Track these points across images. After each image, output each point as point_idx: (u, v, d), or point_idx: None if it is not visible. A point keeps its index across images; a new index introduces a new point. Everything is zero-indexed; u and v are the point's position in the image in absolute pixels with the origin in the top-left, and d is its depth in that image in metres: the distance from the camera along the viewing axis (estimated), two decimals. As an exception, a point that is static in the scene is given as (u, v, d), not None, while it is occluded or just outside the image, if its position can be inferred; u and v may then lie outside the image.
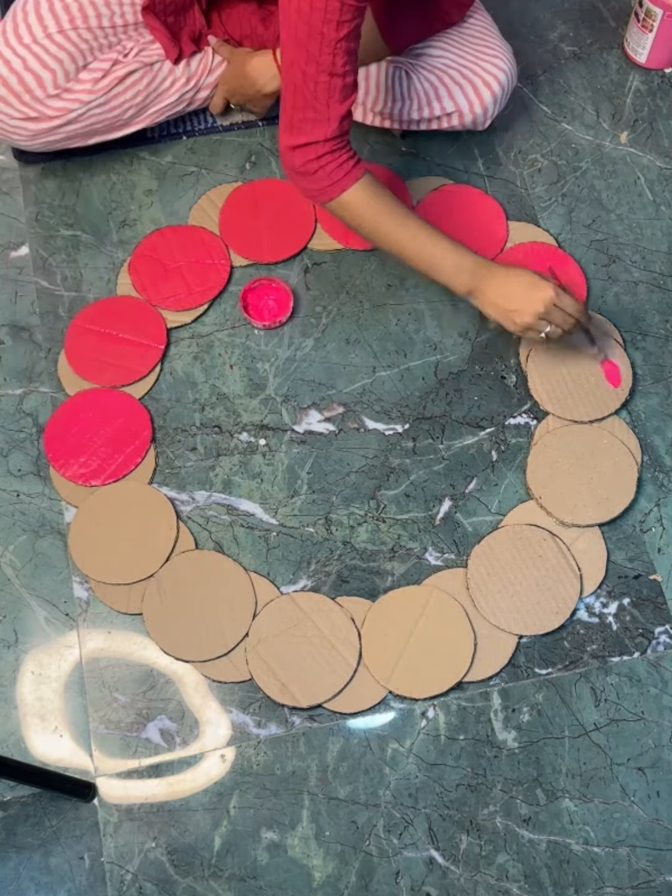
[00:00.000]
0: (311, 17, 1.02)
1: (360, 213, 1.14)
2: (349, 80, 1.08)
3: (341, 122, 1.09)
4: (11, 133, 1.32)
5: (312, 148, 1.10)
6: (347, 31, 1.03)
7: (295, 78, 1.07)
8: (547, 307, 1.12)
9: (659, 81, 1.53)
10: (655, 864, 1.10)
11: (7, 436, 1.30)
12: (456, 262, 1.15)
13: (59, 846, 1.11)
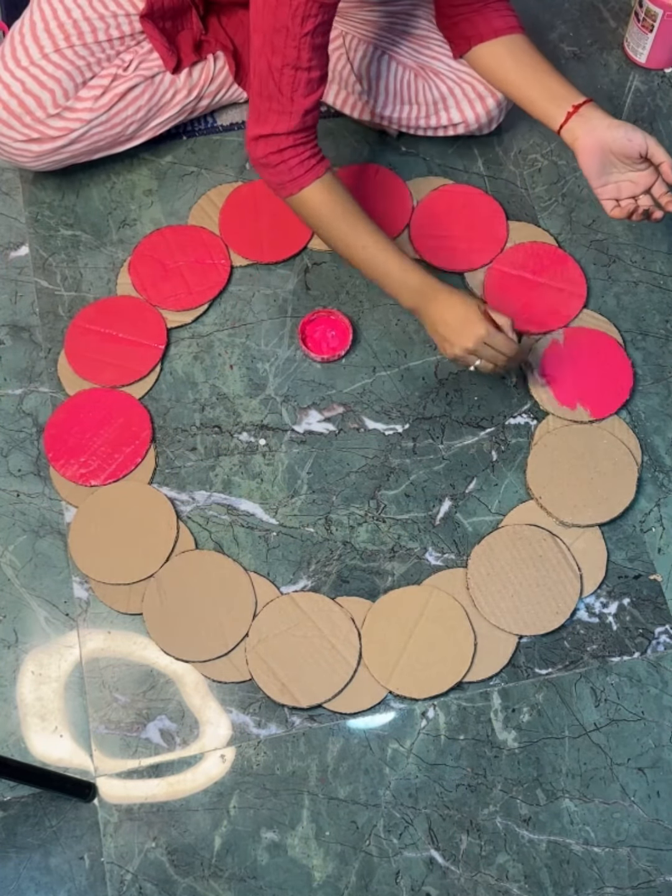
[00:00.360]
0: (278, 10, 1.02)
1: (316, 213, 1.15)
2: (315, 75, 1.08)
3: (304, 116, 1.10)
4: (16, 156, 1.32)
5: (275, 140, 1.11)
6: (313, 25, 1.03)
7: (261, 68, 1.07)
8: (476, 344, 1.12)
9: (659, 81, 1.53)
10: (655, 865, 1.10)
11: (7, 436, 1.30)
12: (402, 278, 1.15)
13: (59, 846, 1.11)
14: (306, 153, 1.13)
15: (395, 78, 1.36)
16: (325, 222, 1.15)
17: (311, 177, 1.13)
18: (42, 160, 1.33)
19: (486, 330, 1.11)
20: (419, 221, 1.40)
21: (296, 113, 1.09)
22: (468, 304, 1.13)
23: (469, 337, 1.12)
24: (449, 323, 1.13)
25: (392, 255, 1.15)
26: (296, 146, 1.11)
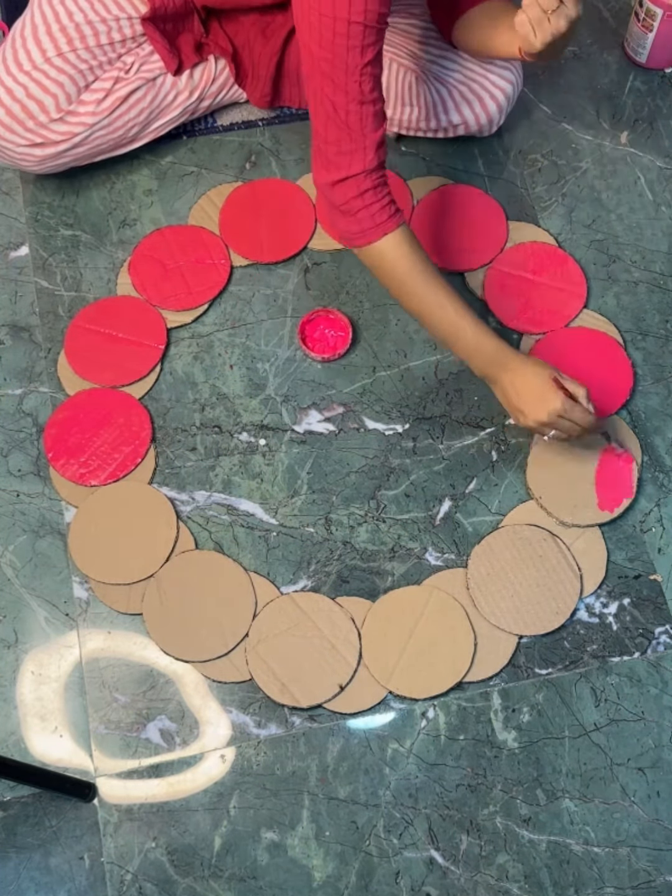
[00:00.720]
0: (335, 45, 0.99)
1: (392, 265, 1.11)
2: (379, 107, 1.05)
3: (378, 150, 1.06)
4: (19, 160, 1.32)
5: (353, 182, 1.06)
6: (372, 55, 1.01)
7: (326, 110, 1.04)
8: (551, 419, 1.09)
9: (659, 81, 1.53)
10: (655, 865, 1.10)
11: (7, 436, 1.30)
12: (476, 343, 1.12)
13: (59, 846, 1.11)
14: (387, 197, 1.08)
15: (396, 79, 1.36)
16: (401, 274, 1.11)
17: (393, 224, 1.09)
18: (45, 164, 1.33)
19: (562, 404, 1.08)
20: (419, 221, 1.40)
21: (369, 147, 1.05)
22: (543, 375, 1.10)
23: (544, 411, 1.09)
24: (523, 396, 1.10)
25: (468, 318, 1.11)
26: (376, 189, 1.07)
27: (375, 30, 1.00)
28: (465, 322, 1.11)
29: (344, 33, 0.99)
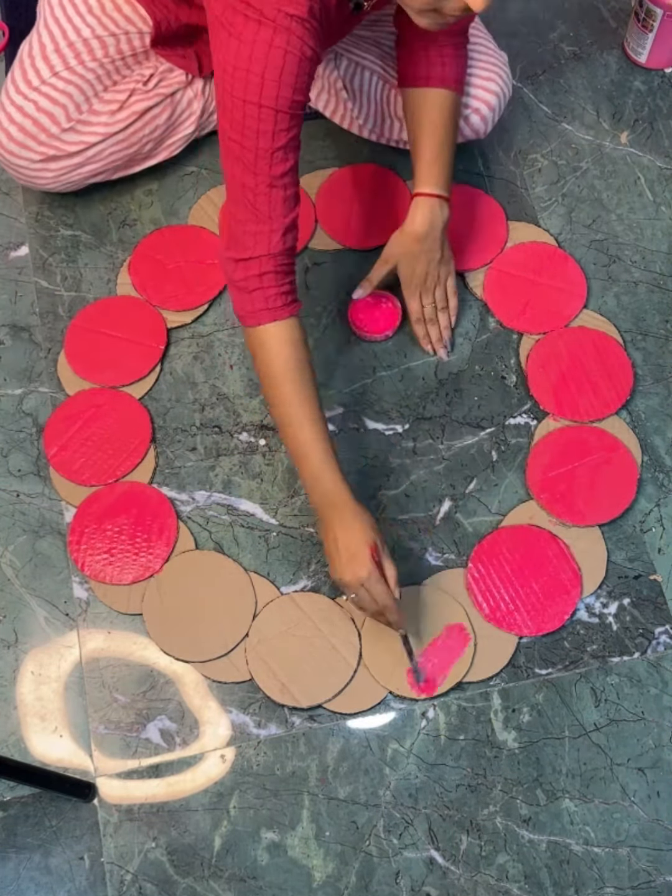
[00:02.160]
0: (245, 127, 0.99)
1: (272, 354, 1.07)
2: (290, 192, 1.03)
3: (285, 234, 1.04)
4: (35, 178, 1.32)
5: (256, 263, 1.04)
6: (285, 140, 1.00)
7: (236, 189, 1.03)
8: (353, 584, 1.04)
9: (659, 81, 1.53)
10: (655, 865, 1.10)
11: (7, 436, 1.30)
12: (317, 476, 1.07)
13: (59, 846, 1.11)
14: (286, 286, 1.06)
15: (375, 91, 1.36)
16: (275, 370, 1.07)
17: (285, 312, 1.06)
18: (60, 180, 1.33)
19: (368, 574, 1.03)
20: (419, 221, 1.40)
21: (276, 231, 1.03)
22: (364, 539, 1.04)
23: (349, 573, 1.04)
24: (339, 549, 1.05)
25: (319, 447, 1.07)
26: (277, 273, 1.05)
27: (288, 115, 0.99)
28: (315, 450, 1.06)
29: (255, 117, 0.98)
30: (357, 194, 1.42)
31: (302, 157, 1.43)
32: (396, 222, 1.39)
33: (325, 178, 1.43)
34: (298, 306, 1.09)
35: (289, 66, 0.97)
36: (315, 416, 1.07)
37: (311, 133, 1.46)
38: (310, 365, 1.09)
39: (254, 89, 0.97)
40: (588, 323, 1.34)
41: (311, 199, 1.42)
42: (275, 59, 0.96)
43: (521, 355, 1.33)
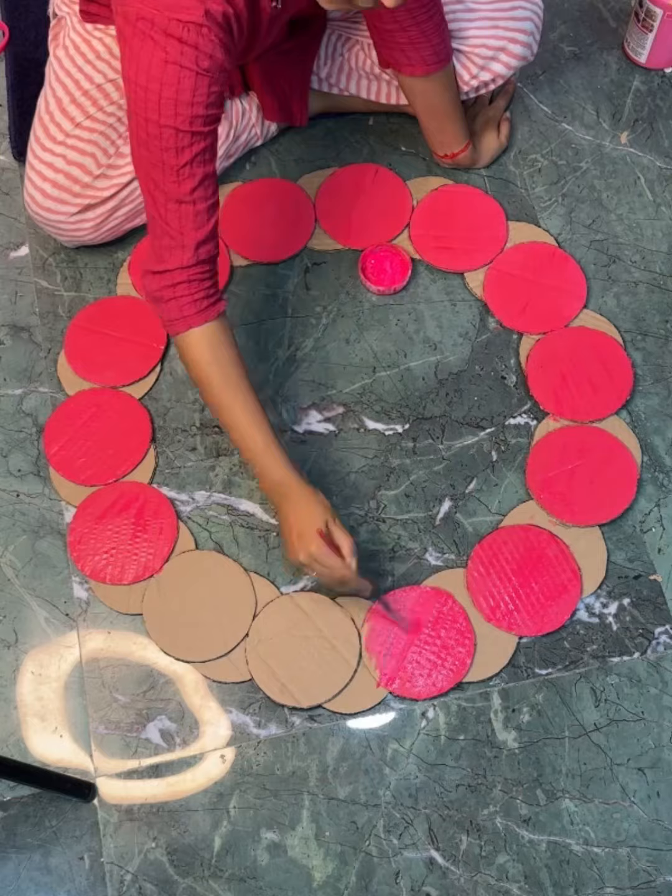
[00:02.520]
0: (150, 145, 0.99)
1: (194, 359, 1.09)
2: (202, 207, 1.03)
3: (197, 249, 1.04)
4: (74, 231, 1.32)
5: (168, 275, 1.05)
6: (190, 156, 0.99)
7: (148, 204, 1.04)
8: (307, 561, 1.06)
9: (659, 81, 1.53)
10: (655, 865, 1.10)
11: (7, 436, 1.30)
12: (263, 463, 1.09)
13: (59, 846, 1.11)
14: (200, 293, 1.06)
15: None
16: (201, 373, 1.09)
17: (199, 319, 1.07)
18: (101, 228, 1.32)
19: (316, 548, 1.05)
20: (419, 221, 1.40)
21: (188, 247, 1.03)
22: (312, 517, 1.06)
23: (301, 552, 1.06)
24: (290, 532, 1.08)
25: (258, 434, 1.09)
26: (190, 283, 1.05)
27: (189, 133, 0.98)
28: (254, 441, 1.09)
29: (157, 135, 0.98)
30: (357, 194, 1.42)
31: (302, 157, 1.45)
32: (396, 222, 1.40)
33: (325, 178, 1.43)
34: (217, 308, 1.09)
35: (185, 83, 0.96)
36: (248, 410, 1.09)
37: (311, 133, 1.46)
38: (236, 360, 1.10)
39: (153, 107, 0.97)
40: (588, 323, 1.34)
41: (311, 199, 1.42)
42: (170, 78, 0.96)
43: (521, 355, 1.33)
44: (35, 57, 1.48)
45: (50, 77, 1.30)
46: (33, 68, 1.47)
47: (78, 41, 1.28)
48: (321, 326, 1.36)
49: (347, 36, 1.37)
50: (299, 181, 1.44)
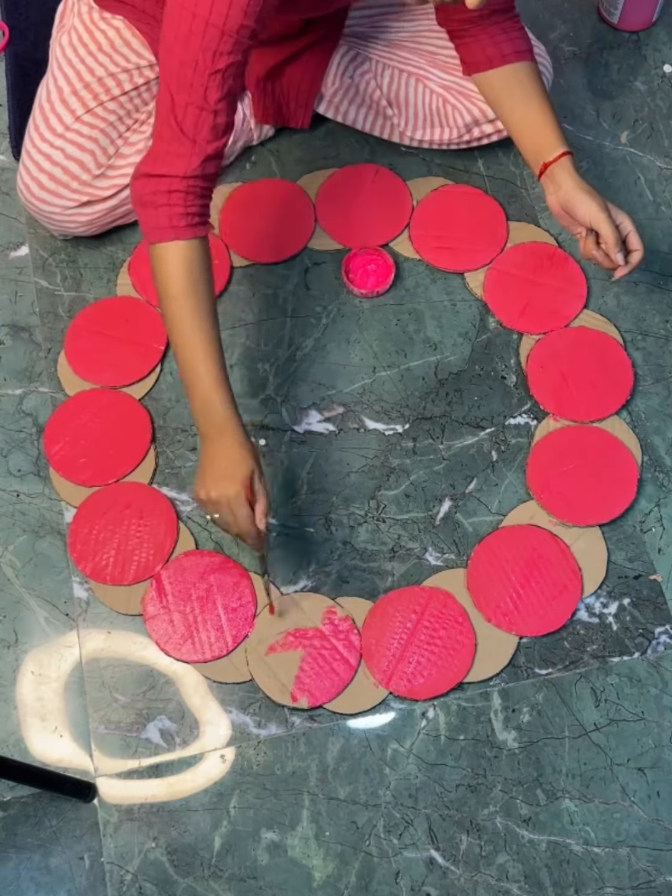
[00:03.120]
0: (189, 42, 0.97)
1: (169, 274, 1.04)
2: (221, 121, 1.01)
3: (205, 162, 1.01)
4: (67, 223, 1.31)
5: (167, 180, 1.01)
6: (225, 64, 0.97)
7: (164, 104, 1.00)
8: (219, 499, 1.03)
9: (659, 81, 1.53)
10: (655, 865, 1.10)
11: (7, 436, 1.30)
12: (206, 398, 1.05)
13: (59, 846, 1.11)
14: (194, 207, 1.03)
15: (424, 103, 1.35)
16: (173, 291, 1.04)
17: (188, 233, 1.03)
18: (94, 224, 1.32)
19: (237, 493, 1.02)
20: (419, 221, 1.40)
21: (196, 155, 1.00)
22: (243, 463, 1.03)
23: (218, 489, 1.03)
24: (214, 467, 1.04)
25: (212, 371, 1.04)
26: (187, 194, 1.02)
27: (233, 40, 0.96)
28: (206, 372, 1.04)
29: (200, 32, 0.96)
30: (357, 194, 1.42)
31: (302, 157, 1.45)
32: (396, 222, 1.40)
33: (325, 178, 1.43)
34: (205, 230, 1.05)
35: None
36: (209, 340, 1.05)
37: (311, 133, 1.46)
38: (209, 288, 1.06)
39: (205, 3, 0.95)
40: (588, 323, 1.34)
41: (311, 199, 1.42)
42: None
43: (521, 355, 1.33)
44: (35, 57, 1.48)
45: (52, 64, 1.30)
46: (33, 68, 1.46)
47: (82, 31, 1.28)
48: (321, 326, 1.36)
49: (364, 57, 1.36)
50: (299, 181, 1.44)
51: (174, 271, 1.04)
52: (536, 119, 1.16)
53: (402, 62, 1.35)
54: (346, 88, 1.37)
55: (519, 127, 1.18)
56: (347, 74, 1.36)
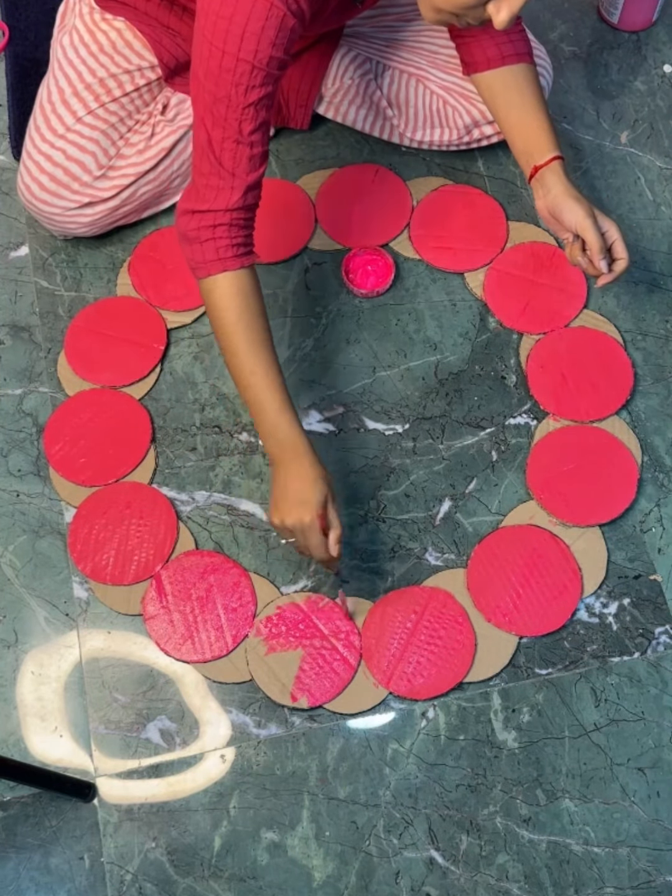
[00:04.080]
0: (220, 78, 0.97)
1: (222, 305, 1.06)
2: (257, 151, 1.02)
3: (246, 193, 1.03)
4: (68, 224, 1.31)
5: (211, 215, 1.03)
6: (257, 97, 0.98)
7: (201, 140, 1.02)
8: (294, 526, 1.04)
9: (659, 81, 1.53)
10: (655, 865, 1.10)
11: (7, 436, 1.30)
12: (274, 423, 1.06)
13: (59, 846, 1.11)
14: (239, 238, 1.05)
15: (425, 104, 1.35)
16: (227, 322, 1.06)
17: (236, 263, 1.04)
18: (96, 225, 1.32)
19: (311, 521, 1.03)
20: (419, 221, 1.40)
21: (237, 188, 1.02)
22: (317, 488, 1.04)
23: (292, 517, 1.04)
24: (288, 493, 1.05)
25: (275, 395, 1.06)
26: (231, 226, 1.04)
27: (264, 72, 0.97)
28: (271, 398, 1.06)
29: (231, 69, 0.97)
30: (357, 194, 1.42)
31: (302, 157, 1.45)
32: (396, 222, 1.40)
33: (325, 178, 1.43)
34: (252, 259, 1.07)
35: (272, 21, 0.95)
36: (269, 366, 1.06)
37: (312, 133, 1.46)
38: (263, 315, 1.07)
39: (234, 40, 0.95)
40: (588, 323, 1.34)
41: (311, 199, 1.42)
42: (259, 12, 0.94)
43: (521, 355, 1.33)
44: (35, 57, 1.48)
45: (53, 65, 1.30)
46: (33, 68, 1.47)
47: (83, 31, 1.28)
48: (321, 326, 1.36)
49: (364, 57, 1.36)
50: (299, 181, 1.44)
51: (226, 303, 1.05)
52: (530, 122, 1.16)
53: (402, 63, 1.35)
54: (346, 89, 1.37)
55: (513, 129, 1.18)
56: (347, 75, 1.36)
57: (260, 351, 1.06)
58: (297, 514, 1.04)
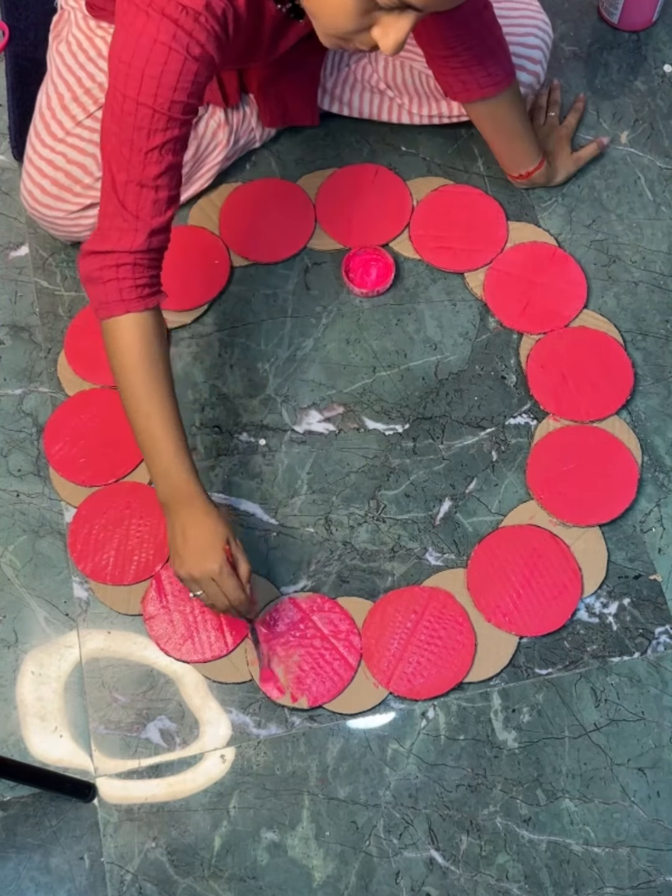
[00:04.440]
0: (123, 121, 0.95)
1: (123, 347, 1.03)
2: (163, 196, 0.99)
3: (150, 236, 1.01)
4: (72, 227, 1.31)
5: (114, 255, 1.01)
6: (161, 141, 0.96)
7: (107, 182, 1.00)
8: (203, 578, 1.02)
9: (659, 81, 1.53)
10: (655, 865, 1.10)
11: (7, 436, 1.30)
12: (168, 469, 1.04)
13: (59, 846, 1.11)
14: (144, 279, 1.02)
15: (423, 82, 1.36)
16: (128, 364, 1.03)
17: (139, 305, 1.02)
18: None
19: (220, 568, 1.01)
20: (419, 221, 1.40)
21: (141, 231, 1.00)
22: (217, 534, 1.03)
23: (199, 567, 1.02)
24: (189, 543, 1.03)
25: (171, 442, 1.03)
26: (135, 266, 1.01)
27: (166, 117, 0.95)
28: (166, 442, 1.03)
29: (132, 112, 0.95)
30: (357, 194, 1.42)
31: (302, 157, 1.45)
32: (396, 222, 1.40)
33: (325, 178, 1.43)
34: (157, 300, 1.05)
35: (171, 65, 0.94)
36: (166, 410, 1.04)
37: (312, 133, 1.46)
38: (164, 358, 1.05)
39: (133, 84, 0.94)
40: (588, 323, 1.34)
41: (311, 199, 1.42)
42: (157, 56, 0.93)
43: (521, 355, 1.33)
44: (35, 57, 1.48)
45: (52, 72, 1.30)
46: (33, 68, 1.47)
47: (81, 38, 1.28)
48: (321, 326, 1.36)
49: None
50: (299, 181, 1.44)
51: (128, 344, 1.03)
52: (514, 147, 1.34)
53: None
54: (346, 76, 1.38)
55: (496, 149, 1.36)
56: (344, 63, 1.38)
57: (158, 394, 1.04)
58: (204, 562, 1.02)
